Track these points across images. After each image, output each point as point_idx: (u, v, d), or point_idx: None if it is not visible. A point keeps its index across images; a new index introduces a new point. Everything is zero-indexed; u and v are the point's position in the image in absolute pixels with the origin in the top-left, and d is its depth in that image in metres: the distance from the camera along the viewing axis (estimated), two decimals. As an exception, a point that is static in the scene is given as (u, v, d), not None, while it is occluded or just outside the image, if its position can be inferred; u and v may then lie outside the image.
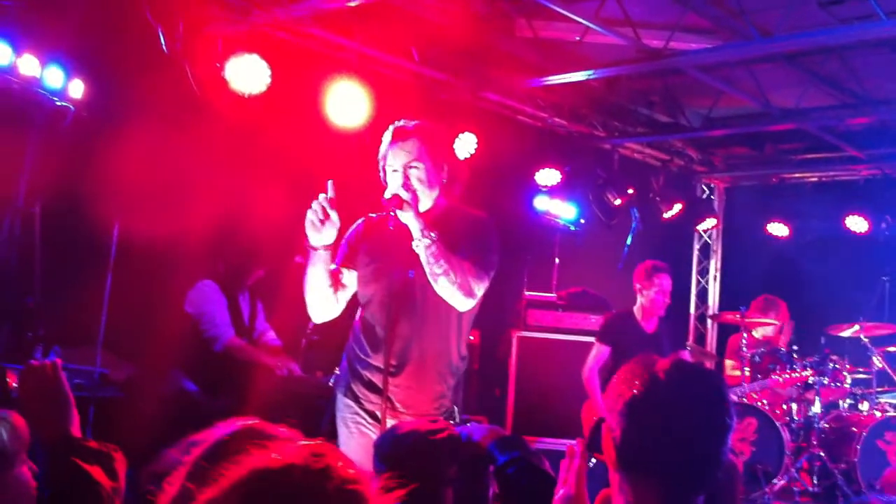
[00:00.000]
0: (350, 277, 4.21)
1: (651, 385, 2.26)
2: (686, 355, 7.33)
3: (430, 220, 3.99)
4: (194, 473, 1.82)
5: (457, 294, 3.93)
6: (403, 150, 4.02)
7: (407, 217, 3.91)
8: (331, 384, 5.40)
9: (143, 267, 6.15)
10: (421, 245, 3.88)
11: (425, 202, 4.05)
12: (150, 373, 6.05)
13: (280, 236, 6.65)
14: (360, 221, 4.31)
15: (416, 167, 4.01)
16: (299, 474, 1.40)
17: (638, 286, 7.17)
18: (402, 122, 4.13)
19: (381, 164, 4.11)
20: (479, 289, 4.01)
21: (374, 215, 4.26)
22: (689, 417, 2.22)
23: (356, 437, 4.06)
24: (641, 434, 2.23)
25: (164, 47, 6.16)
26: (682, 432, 2.20)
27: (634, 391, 2.27)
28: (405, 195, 3.91)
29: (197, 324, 6.14)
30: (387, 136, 4.10)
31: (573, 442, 2.65)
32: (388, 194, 3.99)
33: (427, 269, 3.90)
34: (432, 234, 3.88)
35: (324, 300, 4.13)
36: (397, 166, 4.02)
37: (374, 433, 3.94)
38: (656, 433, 2.21)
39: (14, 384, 2.79)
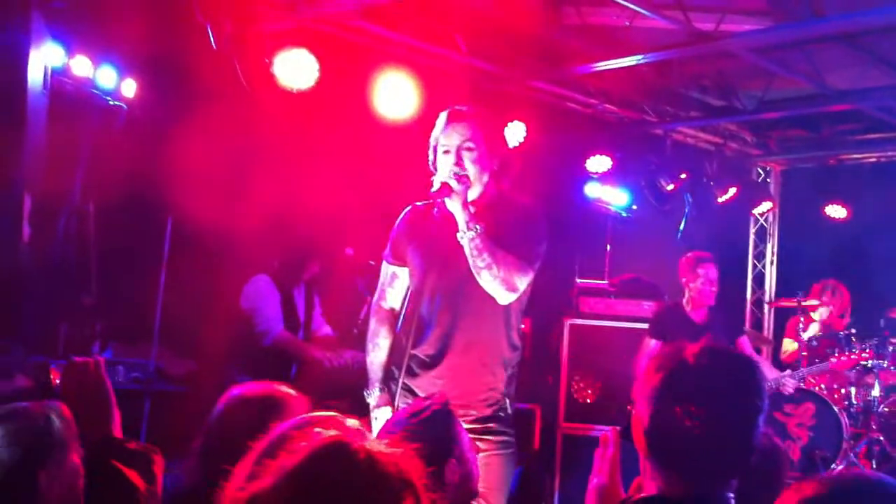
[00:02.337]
0: (403, 273, 4.25)
1: (680, 370, 2.25)
2: (745, 343, 7.25)
3: (479, 207, 3.99)
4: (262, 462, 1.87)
5: (499, 288, 3.93)
6: (458, 132, 4.01)
7: (454, 206, 3.92)
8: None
9: (197, 263, 6.26)
10: (466, 237, 3.89)
11: (476, 188, 4.04)
12: (207, 367, 6.15)
13: (332, 228, 6.72)
14: (406, 210, 4.32)
15: (469, 149, 4.01)
16: (354, 453, 1.52)
17: (684, 279, 7.12)
18: (454, 107, 4.13)
19: (431, 146, 4.10)
20: (522, 283, 4.00)
21: (420, 203, 4.27)
22: (718, 402, 2.20)
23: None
24: (670, 420, 2.22)
25: (213, 44, 6.23)
26: (710, 417, 2.19)
27: (663, 376, 2.26)
28: (455, 185, 3.92)
29: (250, 319, 6.22)
30: (441, 118, 4.09)
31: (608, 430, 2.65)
32: (437, 181, 4.01)
33: (470, 262, 3.90)
34: (478, 227, 3.88)
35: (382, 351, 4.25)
36: (451, 147, 4.01)
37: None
38: (685, 418, 2.20)
39: (57, 380, 2.83)
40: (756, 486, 2.57)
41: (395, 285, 4.28)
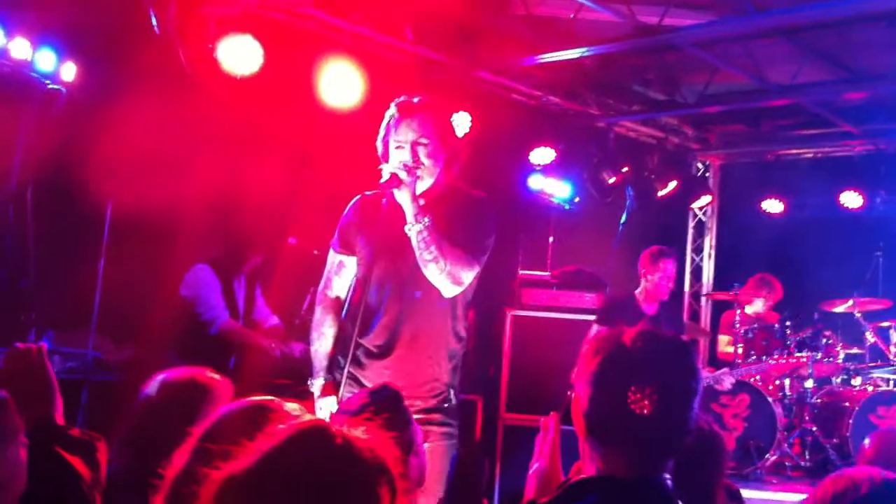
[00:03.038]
0: (350, 262, 4.23)
1: (617, 352, 2.30)
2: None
3: (429, 199, 3.98)
4: (203, 451, 1.86)
5: (444, 281, 3.95)
6: (411, 127, 3.99)
7: (403, 198, 3.91)
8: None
9: (136, 250, 6.17)
10: (413, 229, 3.89)
11: (427, 180, 4.04)
12: (145, 356, 6.07)
13: (275, 217, 6.66)
14: (355, 199, 4.30)
15: (423, 144, 4.00)
16: (331, 437, 1.56)
17: (643, 271, 7.18)
18: (405, 98, 4.11)
19: (381, 137, 4.09)
20: (468, 276, 4.01)
21: (369, 193, 4.25)
22: (654, 384, 2.25)
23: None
24: (608, 401, 2.27)
25: (156, 28, 6.13)
26: (647, 398, 2.24)
27: (601, 359, 2.30)
28: (404, 176, 3.91)
29: (192, 307, 6.16)
30: (392, 111, 4.06)
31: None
32: (385, 174, 3.99)
33: (417, 254, 3.91)
34: (425, 220, 3.88)
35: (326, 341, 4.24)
36: (404, 142, 3.99)
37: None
38: (622, 399, 2.24)
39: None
40: (693, 468, 2.62)
41: (342, 274, 4.26)
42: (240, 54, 6.37)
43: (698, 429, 2.41)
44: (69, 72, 5.97)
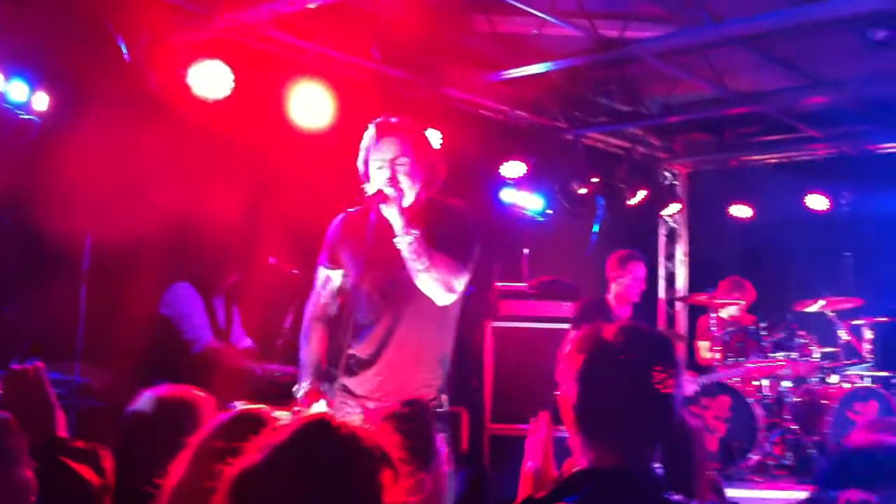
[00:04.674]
0: (337, 276, 4.32)
1: (601, 347, 2.41)
2: None
3: (412, 215, 4.07)
4: (205, 454, 1.93)
5: (438, 289, 4.04)
6: (389, 147, 4.12)
7: (391, 213, 4.01)
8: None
9: (115, 274, 6.18)
10: (403, 242, 3.98)
11: (409, 196, 4.13)
12: (125, 379, 6.06)
13: (249, 237, 6.70)
14: (340, 217, 4.39)
15: (402, 163, 4.10)
16: (336, 428, 1.65)
17: (612, 274, 7.30)
18: (383, 119, 4.22)
19: (363, 158, 4.20)
20: (460, 284, 4.11)
21: (352, 210, 4.34)
22: (638, 374, 2.35)
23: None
24: (596, 394, 2.38)
25: (126, 56, 6.19)
26: (633, 389, 2.35)
27: (586, 355, 2.40)
28: (390, 191, 4.00)
29: (175, 326, 6.15)
30: (371, 132, 4.19)
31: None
32: (371, 190, 4.09)
33: (409, 265, 3.98)
34: (414, 231, 3.97)
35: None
36: (383, 161, 4.10)
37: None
38: (609, 392, 2.36)
39: (-2, 391, 2.84)
40: (673, 459, 2.73)
41: (328, 287, 4.36)
42: (210, 79, 6.44)
43: (679, 417, 2.52)
44: (42, 102, 6.00)
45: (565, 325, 7.44)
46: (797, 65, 8.18)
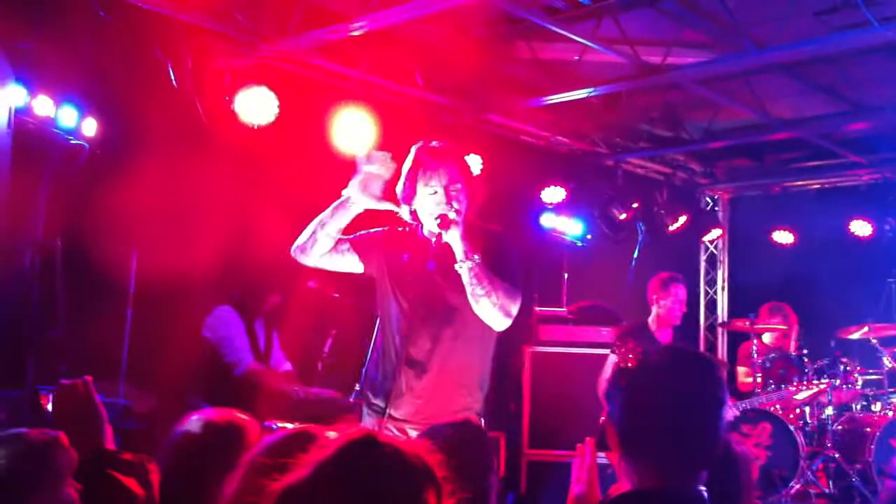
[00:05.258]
0: (350, 257, 4.34)
1: (644, 367, 2.41)
2: None
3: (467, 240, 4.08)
4: (254, 471, 1.96)
5: (497, 315, 4.04)
6: (444, 171, 4.11)
7: (453, 237, 4.00)
8: (352, 400, 5.49)
9: (161, 297, 6.27)
10: (465, 266, 3.98)
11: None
12: (169, 402, 6.14)
13: (291, 262, 6.76)
14: (385, 228, 4.40)
15: (456, 188, 4.12)
16: (381, 445, 1.66)
17: (654, 297, 7.29)
18: (426, 143, 4.23)
19: (405, 182, 4.17)
20: (516, 308, 4.10)
21: (401, 229, 4.36)
22: (682, 394, 2.35)
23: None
24: (640, 415, 2.38)
25: (174, 82, 6.31)
26: (676, 408, 2.35)
27: (629, 375, 2.41)
28: (454, 216, 4.02)
29: (216, 349, 6.22)
30: (416, 156, 4.18)
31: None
32: (405, 216, 4.13)
33: (469, 290, 3.99)
34: (476, 257, 3.97)
35: (321, 238, 4.30)
36: (438, 187, 4.10)
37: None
38: (652, 411, 2.36)
39: (48, 405, 2.92)
40: (720, 483, 2.70)
41: (342, 250, 4.34)
42: (256, 105, 6.56)
43: (725, 442, 2.51)
44: (91, 127, 6.13)
45: (605, 351, 7.41)
46: (839, 91, 8.16)
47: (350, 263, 4.37)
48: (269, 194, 6.88)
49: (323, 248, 4.30)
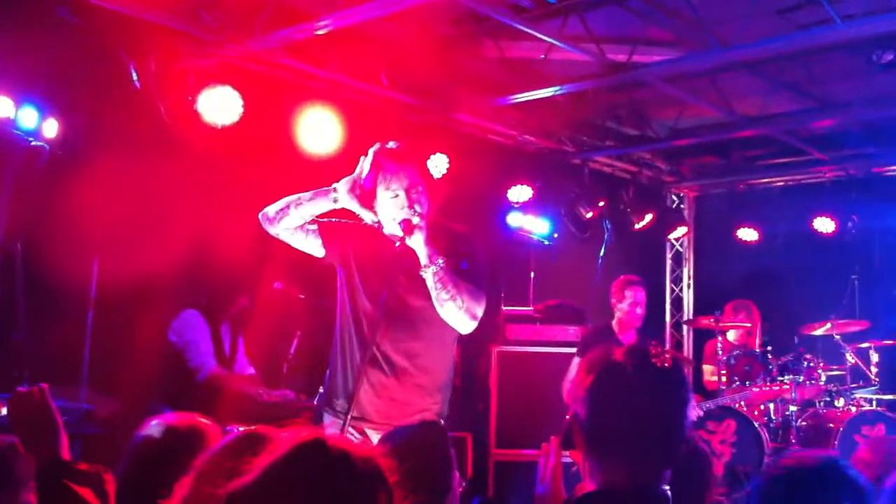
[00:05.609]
0: (313, 239, 4.30)
1: (610, 368, 2.42)
2: None
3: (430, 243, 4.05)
4: (208, 473, 1.94)
5: (463, 318, 4.02)
6: (404, 174, 4.07)
7: (416, 242, 3.96)
8: (316, 403, 5.47)
9: (123, 301, 6.20)
10: (429, 271, 3.95)
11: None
12: (132, 406, 6.08)
13: (257, 264, 6.72)
14: (353, 222, 4.35)
15: (418, 190, 4.08)
16: (329, 449, 1.64)
17: (613, 300, 7.35)
18: (383, 145, 4.17)
19: (364, 185, 4.11)
20: (481, 311, 4.09)
21: (370, 223, 4.30)
22: (648, 395, 2.36)
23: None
24: (605, 414, 2.39)
25: (136, 83, 6.24)
26: (642, 410, 2.36)
27: (595, 375, 2.42)
28: (417, 221, 3.98)
29: (181, 353, 6.16)
30: (380, 160, 4.10)
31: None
32: (367, 220, 4.10)
33: (434, 295, 3.96)
34: (440, 261, 3.95)
35: (292, 214, 4.26)
36: (399, 190, 4.06)
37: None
38: (619, 411, 2.37)
39: (2, 411, 2.88)
40: (683, 482, 2.72)
41: (308, 230, 4.30)
42: (219, 105, 6.49)
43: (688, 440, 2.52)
44: (51, 129, 6.04)
45: (571, 350, 7.44)
46: (804, 88, 8.20)
47: (312, 246, 4.32)
48: (235, 195, 6.82)
49: (291, 223, 4.27)
